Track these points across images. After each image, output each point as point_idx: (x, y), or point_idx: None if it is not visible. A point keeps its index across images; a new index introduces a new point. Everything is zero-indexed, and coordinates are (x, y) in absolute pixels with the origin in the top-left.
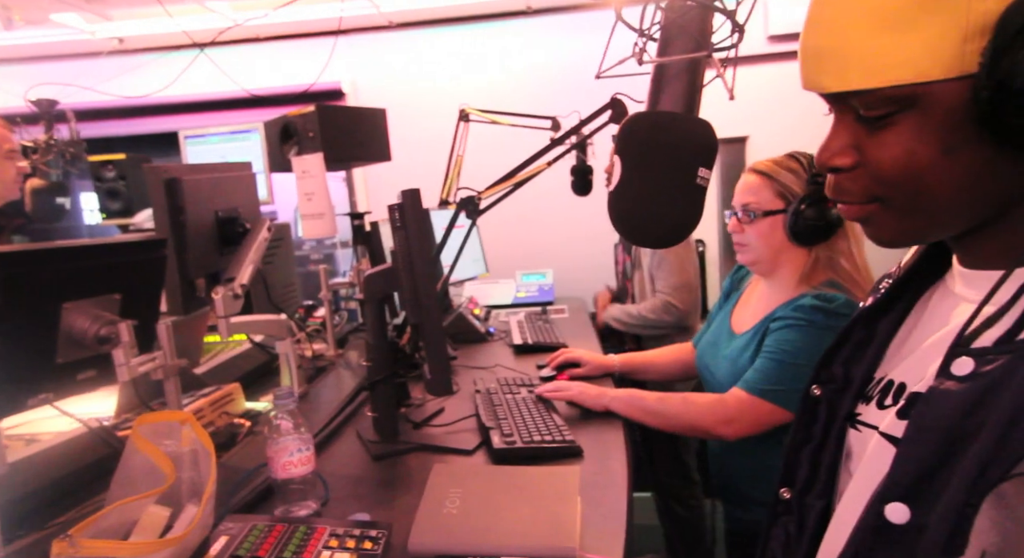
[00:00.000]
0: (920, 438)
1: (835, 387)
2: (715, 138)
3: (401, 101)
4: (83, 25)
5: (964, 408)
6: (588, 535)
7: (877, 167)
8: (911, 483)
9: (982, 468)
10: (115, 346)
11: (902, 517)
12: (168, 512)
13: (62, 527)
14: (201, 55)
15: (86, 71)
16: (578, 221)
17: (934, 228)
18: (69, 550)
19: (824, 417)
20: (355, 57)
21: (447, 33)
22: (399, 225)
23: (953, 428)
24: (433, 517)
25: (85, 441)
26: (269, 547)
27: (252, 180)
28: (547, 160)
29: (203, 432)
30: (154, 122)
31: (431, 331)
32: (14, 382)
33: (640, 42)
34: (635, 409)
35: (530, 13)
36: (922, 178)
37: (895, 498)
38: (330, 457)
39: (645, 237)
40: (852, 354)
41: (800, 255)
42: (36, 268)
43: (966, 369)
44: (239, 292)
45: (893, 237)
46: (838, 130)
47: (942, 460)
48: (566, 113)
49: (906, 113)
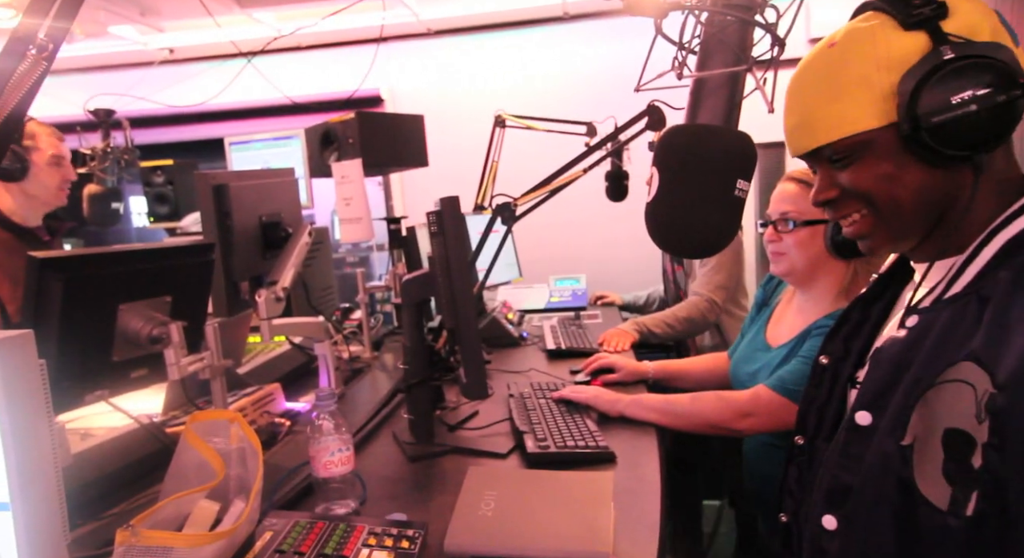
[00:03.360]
0: (879, 366)
1: (838, 357)
2: (754, 150)
3: (438, 107)
4: (137, 37)
5: (907, 345)
6: (621, 541)
7: (856, 189)
8: (872, 398)
9: (915, 382)
10: (166, 346)
11: (866, 420)
12: (218, 507)
13: (117, 518)
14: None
15: (139, 80)
16: (612, 226)
17: (906, 232)
18: (131, 539)
19: (829, 380)
20: (394, 65)
21: (484, 40)
22: (437, 231)
23: (899, 359)
24: (469, 519)
25: (136, 437)
26: (311, 543)
27: (295, 186)
28: (583, 167)
29: (251, 431)
30: (201, 129)
31: (467, 335)
32: (74, 378)
33: (680, 56)
34: (648, 410)
35: (567, 19)
36: (889, 187)
37: (861, 407)
38: (367, 457)
39: (682, 248)
40: (851, 332)
41: (839, 268)
42: (96, 271)
43: (913, 322)
44: (281, 295)
45: (879, 244)
46: (821, 178)
47: (892, 381)
48: (602, 119)
49: (862, 152)
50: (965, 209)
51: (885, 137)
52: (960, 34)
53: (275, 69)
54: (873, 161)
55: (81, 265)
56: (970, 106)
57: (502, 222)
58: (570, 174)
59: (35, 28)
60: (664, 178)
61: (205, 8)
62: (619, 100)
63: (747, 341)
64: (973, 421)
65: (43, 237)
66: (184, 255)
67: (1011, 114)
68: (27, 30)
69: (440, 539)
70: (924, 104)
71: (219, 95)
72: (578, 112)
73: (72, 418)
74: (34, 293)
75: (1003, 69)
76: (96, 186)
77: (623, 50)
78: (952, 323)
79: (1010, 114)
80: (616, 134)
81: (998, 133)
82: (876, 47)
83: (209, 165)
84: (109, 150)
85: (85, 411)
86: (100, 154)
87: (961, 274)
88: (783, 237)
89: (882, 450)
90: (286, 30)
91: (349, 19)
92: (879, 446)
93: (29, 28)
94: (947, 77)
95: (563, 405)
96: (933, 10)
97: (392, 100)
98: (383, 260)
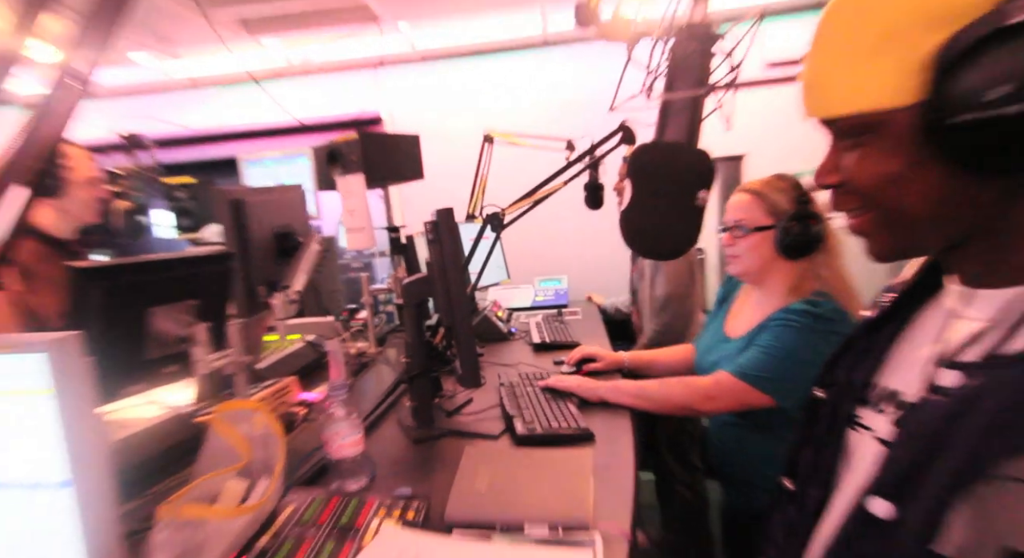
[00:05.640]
0: (907, 443)
1: (838, 390)
2: (712, 165)
3: (433, 126)
4: (154, 63)
5: (948, 417)
6: (600, 508)
7: (856, 184)
8: (896, 482)
9: (959, 470)
10: (193, 345)
11: (887, 512)
12: (245, 484)
13: (156, 496)
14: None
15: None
16: (590, 232)
17: (918, 242)
18: (172, 513)
19: (827, 417)
20: (392, 89)
21: (473, 64)
22: (434, 239)
23: (937, 434)
24: (466, 492)
25: (169, 426)
26: (328, 515)
27: (303, 199)
28: (564, 179)
29: (273, 418)
30: (217, 148)
31: (462, 331)
32: (113, 374)
33: (648, 80)
34: (624, 395)
35: (547, 45)
36: (896, 192)
37: (880, 494)
38: (375, 441)
39: (652, 250)
40: (855, 361)
41: (787, 267)
42: (131, 279)
43: (953, 381)
44: (294, 298)
45: (883, 251)
46: (830, 152)
47: (925, 463)
48: (580, 135)
49: (870, 136)
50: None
51: (903, 122)
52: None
53: (284, 93)
54: (880, 154)
55: (118, 273)
56: (1012, 106)
57: (491, 230)
58: (552, 186)
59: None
60: (635, 189)
61: (216, 34)
62: (595, 119)
63: (709, 334)
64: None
65: (76, 249)
66: (207, 263)
67: None
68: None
69: (441, 510)
70: (960, 86)
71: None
72: (558, 129)
73: (111, 410)
74: (77, 298)
75: None
76: (125, 202)
77: (598, 73)
78: (1018, 391)
79: None
80: (593, 149)
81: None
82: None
83: (225, 181)
84: (136, 169)
85: (123, 403)
86: (128, 173)
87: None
88: (737, 241)
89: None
90: (293, 57)
91: (350, 47)
92: (906, 551)
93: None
94: (1006, 54)
95: (548, 392)
96: None
97: (391, 120)
98: (385, 265)
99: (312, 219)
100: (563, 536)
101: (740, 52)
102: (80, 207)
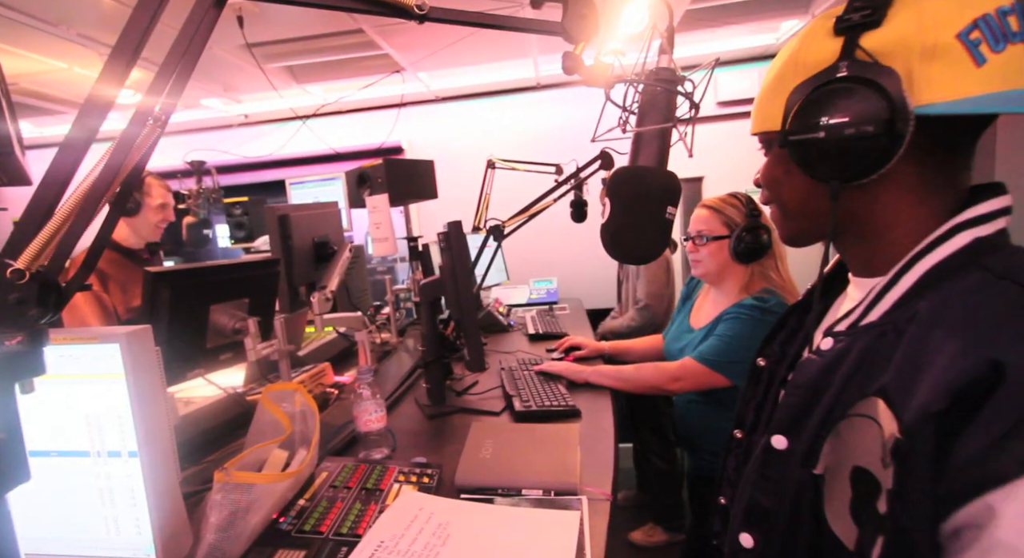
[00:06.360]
0: (795, 391)
1: (774, 359)
2: (679, 184)
3: (445, 154)
4: (221, 106)
5: (821, 372)
6: (586, 474)
7: (763, 183)
8: (788, 422)
9: (828, 411)
10: (245, 336)
11: (782, 444)
12: (287, 454)
13: (212, 463)
14: (301, 123)
15: (222, 138)
16: (576, 241)
17: (804, 230)
18: (225, 478)
19: (766, 381)
20: (411, 123)
21: (478, 104)
22: (446, 247)
23: (815, 384)
24: (473, 460)
25: (224, 404)
26: (356, 480)
27: (338, 214)
28: (553, 197)
29: (310, 397)
30: (267, 173)
31: (469, 324)
32: (178, 360)
33: (623, 116)
34: (605, 378)
35: (540, 88)
36: (779, 190)
37: (779, 432)
38: (396, 417)
39: (627, 256)
40: (787, 337)
41: (740, 270)
42: (195, 280)
43: (828, 345)
44: (329, 296)
45: (785, 235)
46: None
47: (806, 406)
48: (567, 161)
49: (769, 150)
50: (881, 228)
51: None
52: (881, 49)
53: (322, 128)
54: (773, 161)
55: (183, 276)
56: (818, 132)
57: (494, 239)
58: (544, 203)
59: (152, 104)
60: (614, 205)
61: (271, 84)
62: (579, 147)
63: (676, 325)
64: (879, 464)
65: (144, 256)
66: (257, 268)
67: (864, 149)
68: (146, 105)
69: (452, 476)
70: (796, 118)
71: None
72: (549, 156)
73: (178, 390)
74: (149, 297)
75: (872, 101)
76: (192, 217)
77: (582, 111)
78: (867, 352)
79: (863, 149)
80: (577, 173)
81: (848, 165)
82: (799, 48)
83: (275, 199)
84: (201, 191)
85: (188, 384)
86: (195, 194)
87: (880, 300)
88: (699, 249)
89: (796, 477)
90: (331, 98)
91: (378, 90)
92: (794, 473)
93: (147, 104)
94: (824, 95)
95: (541, 375)
96: (864, 17)
97: (410, 149)
98: (405, 269)
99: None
100: (555, 498)
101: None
102: (147, 227)
